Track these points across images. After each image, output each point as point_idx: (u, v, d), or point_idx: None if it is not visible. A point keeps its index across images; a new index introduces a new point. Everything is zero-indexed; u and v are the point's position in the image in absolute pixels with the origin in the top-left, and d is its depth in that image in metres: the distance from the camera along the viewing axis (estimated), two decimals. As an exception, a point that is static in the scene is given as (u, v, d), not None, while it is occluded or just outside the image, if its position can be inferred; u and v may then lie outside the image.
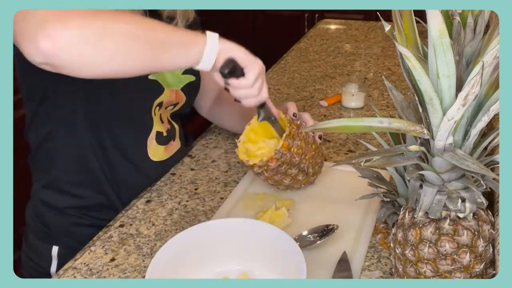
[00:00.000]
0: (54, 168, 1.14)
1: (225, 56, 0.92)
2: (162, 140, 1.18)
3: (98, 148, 1.11)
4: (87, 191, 1.14)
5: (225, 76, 0.94)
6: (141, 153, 1.15)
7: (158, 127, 1.16)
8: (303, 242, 0.97)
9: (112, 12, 0.83)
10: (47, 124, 1.10)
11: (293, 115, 1.11)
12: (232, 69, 0.94)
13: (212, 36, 0.91)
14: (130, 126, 1.12)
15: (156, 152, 1.18)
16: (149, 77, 1.10)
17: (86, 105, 1.07)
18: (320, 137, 1.15)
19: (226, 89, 0.98)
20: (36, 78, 1.06)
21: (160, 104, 1.15)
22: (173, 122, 1.23)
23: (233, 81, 0.95)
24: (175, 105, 1.20)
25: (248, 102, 0.99)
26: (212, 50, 0.91)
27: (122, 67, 0.85)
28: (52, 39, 0.76)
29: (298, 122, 1.09)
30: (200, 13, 1.24)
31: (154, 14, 1.10)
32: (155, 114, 1.15)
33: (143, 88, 1.10)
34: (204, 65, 0.91)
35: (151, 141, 1.16)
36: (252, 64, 0.95)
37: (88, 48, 0.79)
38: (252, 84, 0.96)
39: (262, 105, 1.03)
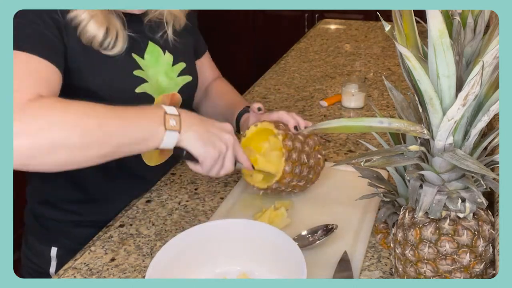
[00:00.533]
0: (48, 184, 1.13)
1: (180, 144, 0.94)
2: None
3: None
4: (83, 207, 1.14)
5: (182, 158, 0.96)
6: (137, 160, 1.14)
7: None
8: (303, 242, 0.97)
9: (68, 114, 0.84)
10: None
11: (258, 109, 1.13)
12: (187, 155, 0.96)
13: (171, 133, 0.91)
14: None
15: (152, 157, 1.17)
16: (136, 90, 1.07)
17: None
18: (322, 138, 1.15)
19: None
20: None
21: None
22: None
23: (190, 164, 0.99)
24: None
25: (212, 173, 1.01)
26: (170, 140, 0.92)
27: (72, 168, 0.87)
28: (16, 150, 0.79)
29: (288, 132, 1.08)
30: (200, 13, 1.24)
31: (136, 21, 1.08)
32: None
33: (131, 103, 1.09)
34: (164, 147, 0.92)
35: None
36: (205, 156, 0.96)
37: (34, 161, 0.82)
38: (208, 170, 0.99)
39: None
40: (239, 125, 1.22)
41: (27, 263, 1.20)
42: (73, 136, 0.83)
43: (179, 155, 0.96)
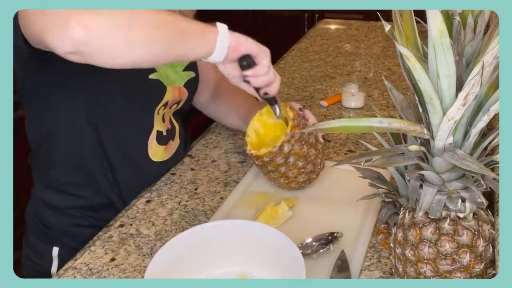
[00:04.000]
0: (54, 169, 1.13)
1: (237, 49, 0.96)
2: (162, 140, 1.18)
3: (98, 149, 1.10)
4: (87, 191, 1.14)
5: (244, 68, 0.98)
6: (142, 154, 1.16)
7: (158, 126, 1.16)
8: (307, 249, 0.96)
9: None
10: (47, 124, 1.10)
11: (299, 109, 1.14)
12: (249, 61, 0.98)
13: (222, 28, 0.94)
14: (131, 127, 1.12)
15: (157, 152, 1.18)
16: (150, 76, 1.10)
17: (88, 108, 1.07)
18: (323, 138, 1.16)
19: (246, 81, 1.01)
20: (38, 79, 1.06)
21: (165, 104, 1.15)
22: (174, 121, 1.23)
23: (250, 72, 0.99)
24: (178, 103, 1.20)
25: (271, 88, 1.04)
26: (224, 42, 0.94)
27: (148, 55, 0.87)
28: (84, 26, 0.77)
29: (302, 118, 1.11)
30: (200, 13, 1.24)
31: None
32: (158, 114, 1.15)
33: (145, 89, 1.11)
34: (217, 57, 0.94)
35: (152, 141, 1.16)
36: (262, 52, 1.00)
37: (119, 34, 0.81)
38: (268, 69, 1.01)
39: (275, 100, 1.07)
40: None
41: (28, 263, 1.20)
42: (147, 12, 0.84)
43: (242, 66, 0.99)
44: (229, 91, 1.33)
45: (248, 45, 0.97)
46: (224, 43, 0.93)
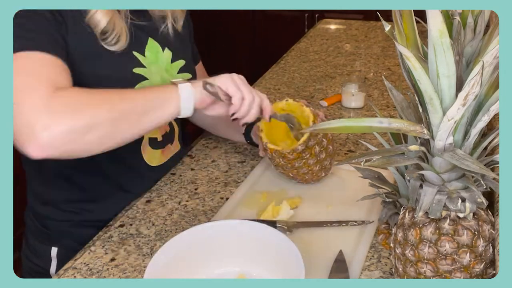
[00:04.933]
0: (48, 187, 1.14)
1: (204, 100, 0.97)
2: (156, 145, 1.17)
3: (92, 161, 1.10)
4: (86, 207, 1.13)
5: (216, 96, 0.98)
6: (138, 159, 1.15)
7: (152, 133, 1.15)
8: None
9: (93, 98, 0.89)
10: None
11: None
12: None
13: (183, 87, 0.95)
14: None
15: (153, 156, 1.17)
16: (137, 87, 1.08)
17: None
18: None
19: (235, 119, 1.01)
20: None
21: None
22: (174, 123, 1.22)
23: (232, 110, 0.99)
24: None
25: (254, 112, 1.01)
26: (188, 98, 0.95)
27: (111, 145, 0.92)
28: (41, 149, 0.83)
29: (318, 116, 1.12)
30: (200, 13, 1.24)
31: (144, 14, 1.09)
32: None
33: None
34: (185, 113, 0.96)
35: (145, 147, 1.15)
36: (223, 81, 0.98)
37: (74, 145, 0.86)
38: (239, 94, 0.98)
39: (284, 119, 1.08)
40: (250, 135, 1.24)
41: (27, 263, 1.20)
42: (102, 112, 0.88)
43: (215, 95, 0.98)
44: None
45: (212, 90, 0.97)
46: (189, 103, 0.95)
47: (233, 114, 0.99)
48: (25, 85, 0.85)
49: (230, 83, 0.98)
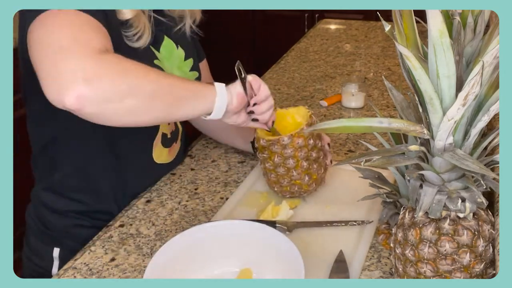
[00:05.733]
0: (56, 172, 1.13)
1: (240, 103, 0.98)
2: (166, 142, 1.18)
3: (103, 153, 1.10)
4: (88, 197, 1.13)
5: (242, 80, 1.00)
6: (147, 155, 1.15)
7: (164, 128, 1.16)
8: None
9: (137, 67, 0.88)
10: (52, 127, 1.09)
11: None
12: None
13: (220, 88, 0.96)
14: (137, 132, 1.11)
15: (161, 154, 1.18)
16: None
17: None
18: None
19: (254, 119, 1.03)
20: (37, 83, 1.05)
21: None
22: (178, 123, 1.22)
23: (255, 109, 1.01)
24: None
25: (269, 113, 1.03)
26: (222, 102, 0.96)
27: (139, 122, 0.91)
28: (78, 100, 0.81)
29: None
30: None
31: (162, 14, 1.10)
32: None
33: None
34: (215, 116, 0.97)
35: (157, 143, 1.15)
36: (261, 90, 1.01)
37: (110, 107, 0.84)
38: (270, 104, 1.02)
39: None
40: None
41: (28, 263, 1.20)
42: (145, 83, 0.87)
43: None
44: None
45: (245, 98, 0.99)
46: (222, 102, 0.96)
47: (250, 112, 1.01)
48: (78, 37, 0.83)
49: (260, 80, 1.01)
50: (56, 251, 1.14)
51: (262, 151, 1.08)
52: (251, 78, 1.00)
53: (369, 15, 2.94)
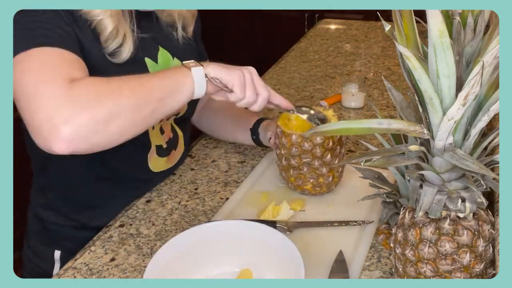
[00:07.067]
0: (51, 192, 1.13)
1: (210, 76, 0.97)
2: (163, 152, 1.17)
3: (97, 173, 1.10)
4: (84, 216, 1.13)
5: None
6: (143, 167, 1.15)
7: (157, 141, 1.14)
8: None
9: (110, 86, 0.87)
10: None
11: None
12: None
13: (195, 68, 0.95)
14: (128, 147, 1.04)
15: (157, 164, 1.17)
16: None
17: None
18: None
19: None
20: None
21: None
22: (177, 129, 1.20)
23: (229, 96, 0.99)
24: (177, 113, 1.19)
25: (253, 107, 1.01)
26: (201, 78, 0.95)
27: (132, 135, 0.91)
28: (66, 144, 0.81)
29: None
30: (200, 13, 1.24)
31: (149, 16, 1.09)
32: (153, 128, 1.12)
33: None
34: (198, 93, 0.96)
35: (151, 155, 1.15)
36: (231, 79, 0.98)
37: (99, 136, 0.85)
38: (243, 95, 0.98)
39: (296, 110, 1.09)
40: (257, 131, 1.24)
41: (29, 264, 1.20)
42: (122, 99, 0.87)
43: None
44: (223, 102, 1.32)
45: (217, 72, 0.97)
46: (201, 84, 0.95)
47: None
48: (41, 80, 0.84)
49: (236, 80, 0.98)
50: (57, 254, 1.14)
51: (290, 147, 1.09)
52: (220, 76, 0.97)
53: (369, 15, 2.94)
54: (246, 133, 1.26)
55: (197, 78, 0.94)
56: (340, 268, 0.92)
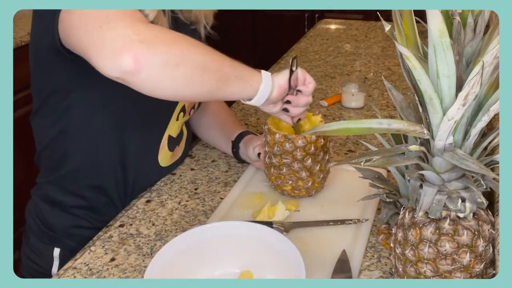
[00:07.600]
0: (63, 167, 1.12)
1: (280, 95, 0.99)
2: (171, 144, 1.18)
3: (112, 150, 1.09)
4: (93, 194, 1.13)
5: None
6: (152, 158, 1.15)
7: (172, 131, 1.16)
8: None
9: (188, 39, 0.87)
10: (62, 122, 1.07)
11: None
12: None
13: (266, 77, 0.96)
14: (146, 130, 1.10)
15: (165, 157, 1.18)
16: None
17: (106, 110, 1.05)
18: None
19: (285, 110, 1.03)
20: (57, 76, 1.03)
21: (183, 109, 1.15)
22: (184, 128, 1.22)
23: (291, 99, 1.01)
24: (194, 107, 1.20)
25: (304, 115, 1.06)
26: (265, 91, 0.96)
27: (189, 94, 0.91)
28: (136, 61, 0.79)
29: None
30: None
31: (176, 18, 1.09)
32: (177, 120, 1.15)
33: (155, 101, 1.09)
34: (255, 102, 0.97)
35: (163, 146, 1.16)
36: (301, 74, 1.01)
37: (167, 73, 0.83)
38: (307, 102, 1.03)
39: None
40: (238, 145, 1.24)
41: (28, 263, 1.20)
42: (196, 53, 0.86)
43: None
44: (216, 105, 1.33)
45: (286, 91, 1.00)
46: (265, 92, 0.96)
47: (287, 102, 1.01)
48: (112, 11, 0.82)
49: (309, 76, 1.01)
50: (56, 251, 1.14)
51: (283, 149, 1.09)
52: (301, 72, 1.00)
53: (369, 15, 2.94)
54: (228, 144, 1.27)
55: (264, 85, 0.95)
56: (343, 268, 0.92)
